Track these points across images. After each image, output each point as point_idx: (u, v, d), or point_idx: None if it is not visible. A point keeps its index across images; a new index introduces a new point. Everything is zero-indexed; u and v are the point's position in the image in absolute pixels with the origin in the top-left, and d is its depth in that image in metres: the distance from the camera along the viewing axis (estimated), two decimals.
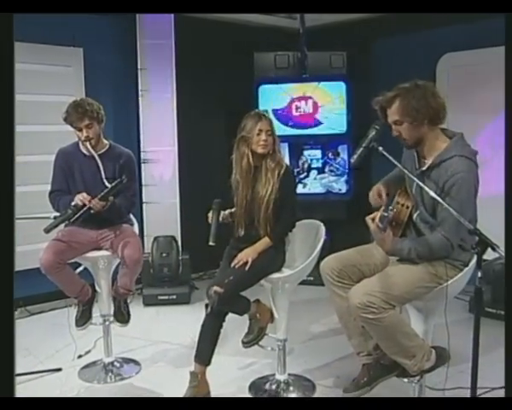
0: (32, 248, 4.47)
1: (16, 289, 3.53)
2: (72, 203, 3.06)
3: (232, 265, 2.93)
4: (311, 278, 4.71)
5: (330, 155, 5.34)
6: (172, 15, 4.97)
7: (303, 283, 3.29)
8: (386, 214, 2.26)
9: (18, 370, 3.22)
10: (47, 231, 2.98)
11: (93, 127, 3.21)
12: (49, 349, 3.81)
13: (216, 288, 2.79)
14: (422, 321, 2.52)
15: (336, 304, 2.59)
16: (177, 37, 5.03)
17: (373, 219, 2.30)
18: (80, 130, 3.20)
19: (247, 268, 2.88)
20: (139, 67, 4.98)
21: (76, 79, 4.73)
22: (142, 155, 5.05)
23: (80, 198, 3.06)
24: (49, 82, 4.61)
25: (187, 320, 4.44)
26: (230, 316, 3.04)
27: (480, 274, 1.95)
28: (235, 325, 3.19)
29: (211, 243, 2.88)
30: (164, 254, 4.88)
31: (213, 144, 5.63)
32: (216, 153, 5.60)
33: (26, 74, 4.44)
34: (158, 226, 5.00)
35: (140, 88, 5.01)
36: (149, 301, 4.80)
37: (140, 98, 5.02)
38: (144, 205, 5.05)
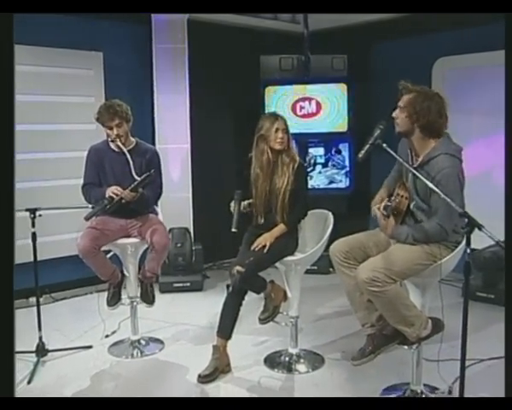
0: (54, 239, 4.84)
1: (41, 277, 3.86)
2: (106, 195, 3.40)
3: (252, 248, 3.28)
4: (315, 268, 5.12)
5: (333, 151, 5.69)
6: (186, 22, 5.29)
7: (308, 272, 3.64)
8: (389, 204, 2.67)
9: (51, 347, 3.61)
10: (87, 218, 3.32)
11: (122, 126, 3.54)
12: (77, 330, 4.14)
13: (238, 267, 3.15)
14: (420, 295, 2.87)
15: (344, 282, 2.94)
16: (189, 41, 5.33)
17: (378, 208, 2.67)
18: (111, 129, 3.52)
19: (265, 251, 3.24)
20: (154, 69, 5.28)
21: (96, 80, 5.03)
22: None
23: (114, 190, 3.40)
24: (72, 84, 4.90)
25: (201, 305, 4.79)
26: (244, 300, 3.38)
27: (468, 250, 2.30)
28: (248, 309, 3.51)
29: (233, 230, 3.19)
30: (178, 245, 5.19)
31: (223, 142, 5.96)
32: (226, 150, 5.96)
33: (51, 77, 4.79)
34: (172, 219, 5.28)
35: (155, 89, 5.30)
36: (165, 289, 5.10)
37: (155, 98, 5.31)
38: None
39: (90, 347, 3.83)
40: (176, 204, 5.33)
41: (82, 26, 4.86)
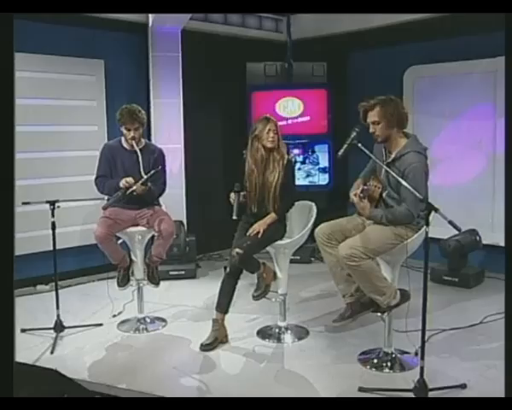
0: (59, 231, 5.23)
1: (48, 265, 4.26)
2: (121, 185, 3.86)
3: (248, 233, 3.79)
4: (299, 258, 5.62)
5: (310, 152, 6.22)
6: (180, 32, 5.77)
7: (292, 261, 4.13)
8: (366, 187, 3.21)
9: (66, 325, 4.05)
10: (104, 208, 3.82)
11: (139, 130, 4.04)
12: (85, 312, 4.59)
13: (237, 249, 3.66)
14: (390, 271, 3.41)
15: (327, 259, 3.48)
16: (183, 50, 5.80)
17: (355, 194, 3.21)
18: (129, 130, 4.00)
19: (259, 236, 3.75)
20: (151, 76, 5.73)
21: (98, 86, 5.46)
22: None
23: (127, 180, 3.87)
24: (77, 89, 5.33)
25: (195, 290, 5.28)
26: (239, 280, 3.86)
27: (427, 230, 2.84)
28: (240, 293, 4.01)
29: (234, 217, 3.70)
30: (174, 236, 5.64)
31: (213, 142, 6.45)
32: (215, 149, 6.45)
33: (58, 83, 5.21)
34: (168, 212, 5.75)
35: (151, 93, 5.75)
36: (162, 276, 5.48)
37: (151, 102, 5.75)
38: None
39: (100, 324, 4.28)
40: (171, 199, 5.72)
41: (85, 36, 5.31)
